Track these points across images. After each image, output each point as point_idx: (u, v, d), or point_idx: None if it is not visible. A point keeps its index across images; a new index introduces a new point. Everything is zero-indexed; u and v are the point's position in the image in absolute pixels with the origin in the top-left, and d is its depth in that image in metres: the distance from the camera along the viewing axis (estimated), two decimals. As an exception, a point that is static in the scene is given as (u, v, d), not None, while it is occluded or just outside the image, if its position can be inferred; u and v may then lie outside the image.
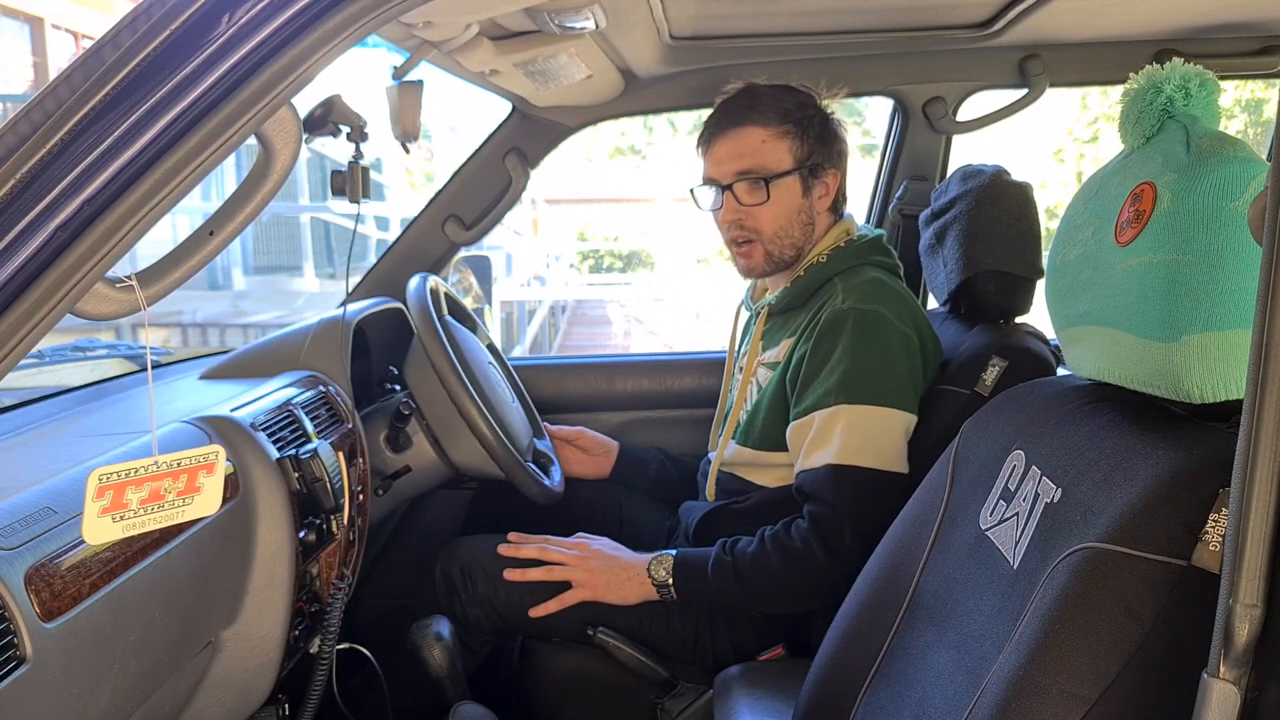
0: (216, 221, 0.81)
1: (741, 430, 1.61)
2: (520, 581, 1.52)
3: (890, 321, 1.44)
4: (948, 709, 0.86)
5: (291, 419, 1.34)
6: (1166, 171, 0.79)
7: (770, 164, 1.52)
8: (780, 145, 1.53)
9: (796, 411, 1.47)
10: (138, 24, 0.70)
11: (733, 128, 1.54)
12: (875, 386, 1.41)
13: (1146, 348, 0.78)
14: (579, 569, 1.49)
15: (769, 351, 1.59)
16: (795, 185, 1.54)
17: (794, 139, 1.53)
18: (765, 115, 1.53)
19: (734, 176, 1.54)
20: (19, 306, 0.69)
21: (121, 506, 0.81)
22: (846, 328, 1.43)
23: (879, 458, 1.39)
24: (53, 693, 0.83)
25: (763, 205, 1.53)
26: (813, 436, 1.42)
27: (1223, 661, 0.60)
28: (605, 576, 1.48)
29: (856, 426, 1.39)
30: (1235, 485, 0.60)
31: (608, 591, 1.48)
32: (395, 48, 1.42)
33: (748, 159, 1.53)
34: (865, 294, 1.46)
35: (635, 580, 1.47)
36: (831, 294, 1.50)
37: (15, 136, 0.70)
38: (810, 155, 1.54)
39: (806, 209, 1.56)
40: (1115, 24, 1.72)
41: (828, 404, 1.41)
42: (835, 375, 1.42)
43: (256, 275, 10.16)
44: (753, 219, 1.55)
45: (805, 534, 1.39)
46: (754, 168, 1.52)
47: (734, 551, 1.43)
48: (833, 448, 1.39)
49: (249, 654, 1.21)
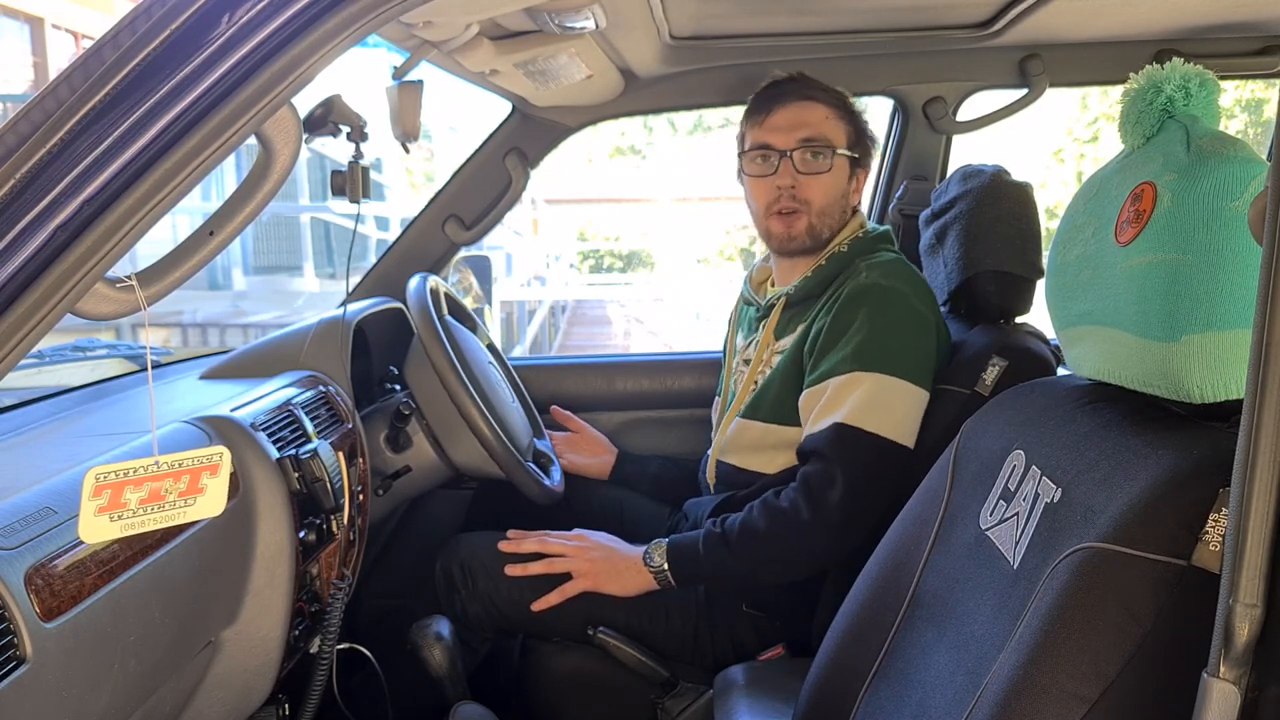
0: (216, 221, 0.81)
1: (749, 406, 1.60)
2: (521, 577, 1.52)
3: (911, 300, 1.46)
4: (948, 709, 0.86)
5: (291, 419, 1.34)
6: (1167, 171, 0.79)
7: (834, 139, 1.56)
8: (839, 125, 1.57)
9: (811, 379, 1.47)
10: (137, 24, 0.70)
11: (797, 99, 1.57)
12: (893, 357, 1.42)
13: (1146, 347, 0.78)
14: (579, 559, 1.50)
15: (784, 339, 1.59)
16: (845, 168, 1.58)
17: (849, 124, 1.58)
18: (824, 97, 1.57)
19: (796, 143, 1.55)
20: (19, 306, 0.69)
21: (119, 506, 0.81)
22: (869, 300, 1.45)
23: (887, 425, 1.39)
24: (53, 693, 0.83)
25: (820, 176, 1.55)
26: (824, 402, 1.43)
27: (1223, 661, 0.60)
28: (605, 566, 1.49)
29: (870, 392, 1.40)
30: (1235, 485, 0.60)
31: (608, 581, 1.48)
32: (395, 48, 1.42)
33: (812, 129, 1.55)
34: (889, 271, 1.49)
35: (634, 569, 1.48)
36: (854, 271, 1.52)
37: (15, 136, 0.70)
38: (857, 145, 1.59)
39: (845, 195, 1.60)
40: (1115, 24, 1.72)
41: (843, 370, 1.42)
42: (853, 344, 1.43)
43: (256, 275, 10.15)
44: (806, 189, 1.56)
45: (792, 494, 1.40)
46: (818, 138, 1.55)
47: (724, 525, 1.44)
48: (843, 410, 1.40)
49: (249, 654, 1.21)
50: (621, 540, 1.55)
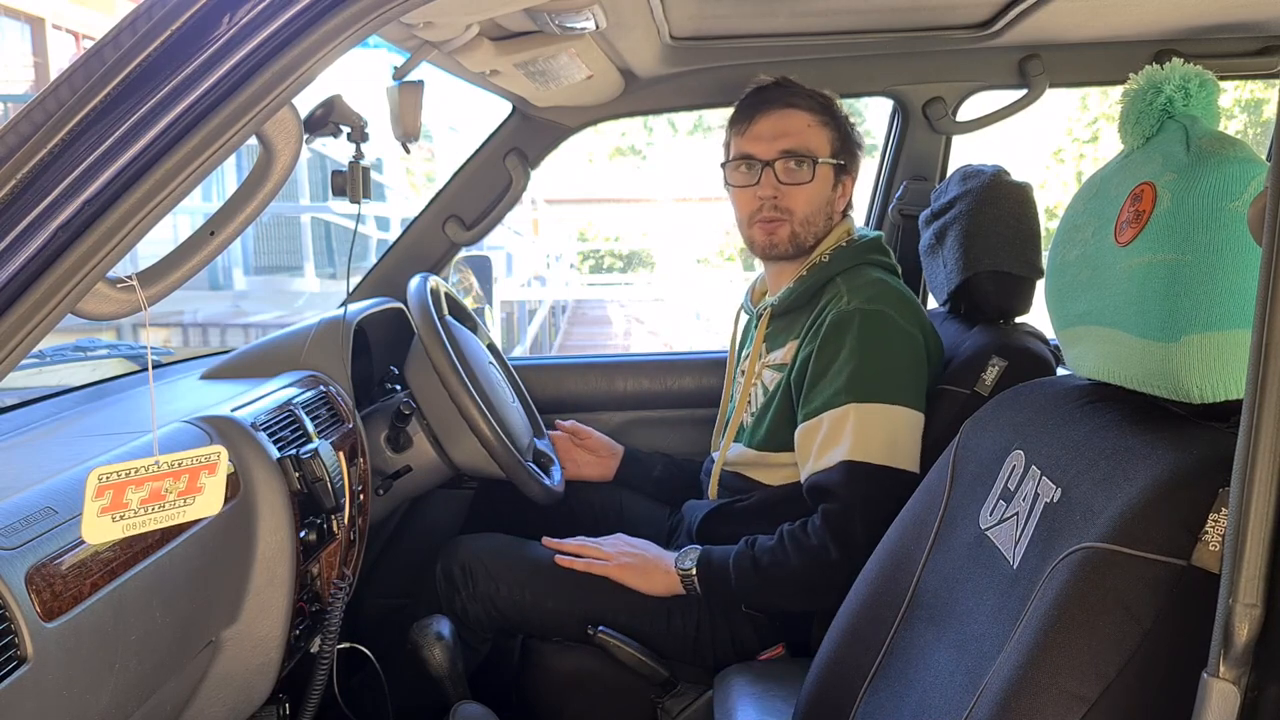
0: (217, 221, 0.81)
1: (747, 432, 1.61)
2: (522, 578, 1.54)
3: (895, 320, 1.45)
4: (948, 708, 0.86)
5: (292, 419, 1.35)
6: (1166, 171, 0.79)
7: (815, 148, 1.55)
8: (822, 133, 1.57)
9: (805, 413, 1.47)
10: (138, 24, 0.70)
11: (779, 108, 1.56)
12: (884, 385, 1.41)
13: (1146, 348, 0.78)
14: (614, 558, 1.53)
15: (774, 353, 1.59)
16: (829, 176, 1.57)
17: (832, 131, 1.57)
18: (808, 104, 1.56)
19: (778, 153, 1.55)
20: (20, 306, 0.69)
21: (121, 506, 0.82)
22: (853, 328, 1.43)
23: (891, 454, 1.39)
24: (53, 693, 0.83)
25: (803, 186, 1.55)
26: (824, 437, 1.43)
27: (1222, 661, 0.61)
28: (636, 565, 1.51)
29: (868, 424, 1.40)
30: (1235, 485, 0.60)
31: (635, 578, 1.50)
32: (395, 48, 1.42)
33: (793, 139, 1.55)
34: (869, 294, 1.47)
35: (661, 570, 1.49)
36: (835, 294, 1.50)
37: (16, 137, 0.70)
38: (841, 153, 1.58)
39: (830, 202, 1.59)
40: (1115, 24, 1.72)
41: (838, 404, 1.42)
42: (844, 375, 1.42)
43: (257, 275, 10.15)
44: (788, 198, 1.56)
45: (820, 531, 1.39)
46: (799, 148, 1.54)
47: (755, 548, 1.44)
48: (845, 445, 1.40)
49: (250, 654, 1.21)
50: (656, 545, 1.57)
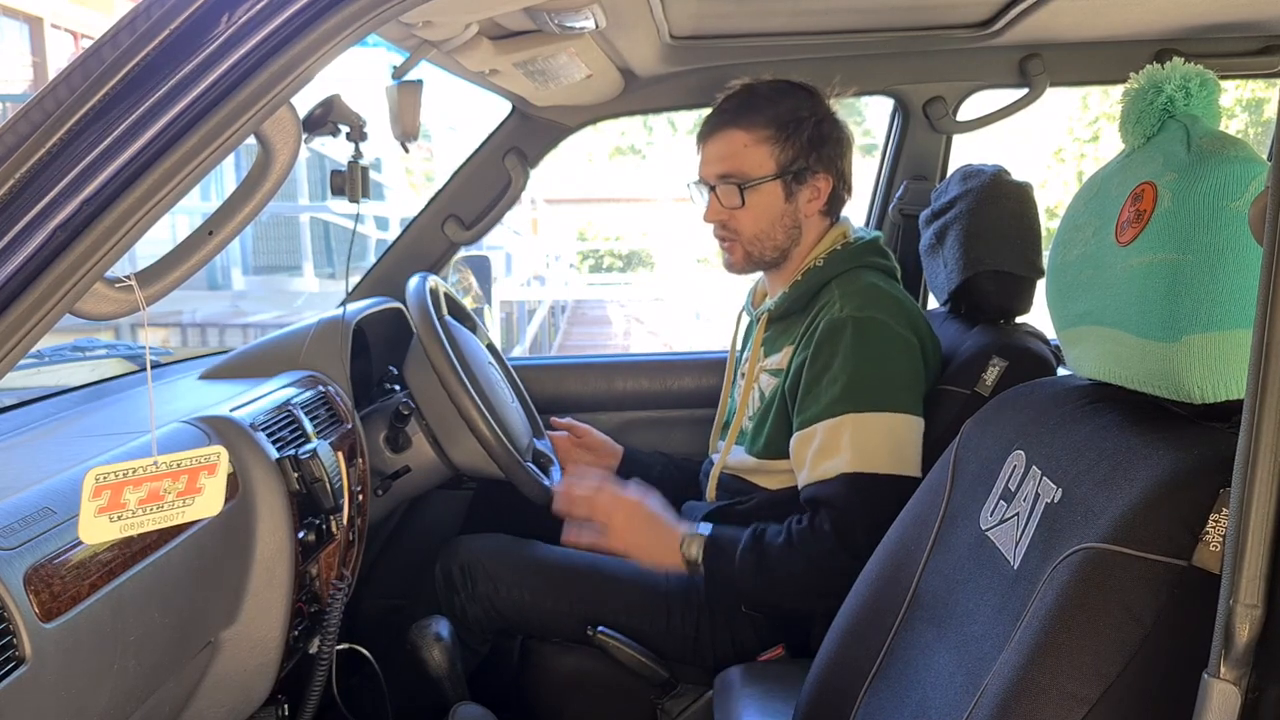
0: (216, 221, 0.80)
1: (747, 438, 1.60)
2: (523, 578, 1.53)
3: (889, 326, 1.43)
4: (948, 709, 0.86)
5: (291, 419, 1.34)
6: (1167, 171, 0.79)
7: (749, 169, 1.52)
8: (760, 150, 1.52)
9: (800, 421, 1.45)
10: (137, 24, 0.70)
11: (719, 130, 1.55)
12: (880, 393, 1.40)
13: (1147, 348, 0.78)
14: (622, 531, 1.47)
15: (771, 358, 1.58)
16: (776, 190, 1.54)
17: (776, 144, 1.52)
18: (751, 119, 1.53)
19: (716, 179, 1.55)
20: (18, 306, 0.69)
21: (119, 506, 0.81)
22: (845, 336, 1.42)
23: (892, 462, 1.38)
24: (52, 693, 0.83)
25: (739, 210, 1.54)
26: (819, 447, 1.41)
27: (1223, 662, 0.60)
28: (644, 539, 1.47)
29: (865, 433, 1.38)
30: (1236, 485, 0.60)
31: (640, 552, 1.47)
32: (395, 47, 1.42)
33: (727, 163, 1.54)
34: (862, 301, 1.45)
35: (668, 546, 1.45)
36: (829, 300, 1.48)
37: (14, 136, 0.69)
38: (795, 161, 1.53)
39: (791, 213, 1.55)
40: (1115, 24, 1.72)
41: (833, 414, 1.40)
42: (838, 385, 1.40)
43: (256, 275, 10.16)
44: (733, 220, 1.56)
45: (830, 538, 1.36)
46: (732, 172, 1.53)
47: (762, 541, 1.41)
48: (844, 456, 1.38)
49: (248, 654, 1.21)
50: (670, 513, 1.51)
